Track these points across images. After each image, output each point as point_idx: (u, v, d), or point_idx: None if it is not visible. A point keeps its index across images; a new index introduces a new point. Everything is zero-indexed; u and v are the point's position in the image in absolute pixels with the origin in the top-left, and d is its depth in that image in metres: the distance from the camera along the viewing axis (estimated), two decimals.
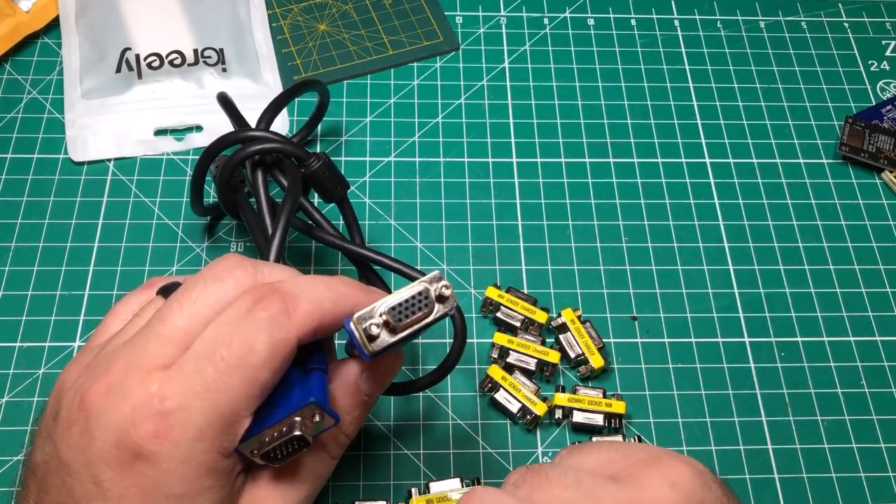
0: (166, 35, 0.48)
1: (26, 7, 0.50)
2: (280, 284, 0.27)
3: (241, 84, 0.47)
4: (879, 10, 0.55)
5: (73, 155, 0.45)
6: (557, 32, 0.53)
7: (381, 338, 0.27)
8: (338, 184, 0.39)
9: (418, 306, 0.27)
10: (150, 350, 0.26)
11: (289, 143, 0.38)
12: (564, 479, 0.26)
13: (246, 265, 0.28)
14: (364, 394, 0.29)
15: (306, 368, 0.28)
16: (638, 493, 0.25)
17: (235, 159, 0.37)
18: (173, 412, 0.25)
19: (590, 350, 0.40)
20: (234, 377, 0.25)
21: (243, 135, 0.39)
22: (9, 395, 0.38)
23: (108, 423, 0.25)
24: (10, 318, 0.40)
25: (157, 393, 0.25)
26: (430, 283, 0.27)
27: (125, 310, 0.31)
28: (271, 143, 0.38)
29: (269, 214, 0.37)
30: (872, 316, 0.43)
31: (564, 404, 0.38)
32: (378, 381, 0.30)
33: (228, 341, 0.26)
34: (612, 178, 0.47)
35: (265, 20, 0.51)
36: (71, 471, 0.25)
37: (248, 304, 0.26)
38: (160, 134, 0.47)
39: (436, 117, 0.48)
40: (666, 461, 0.26)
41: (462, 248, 0.44)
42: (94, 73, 0.47)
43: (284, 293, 0.27)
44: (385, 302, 0.27)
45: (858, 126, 0.48)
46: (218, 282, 0.27)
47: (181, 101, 0.47)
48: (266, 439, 0.26)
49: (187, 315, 0.27)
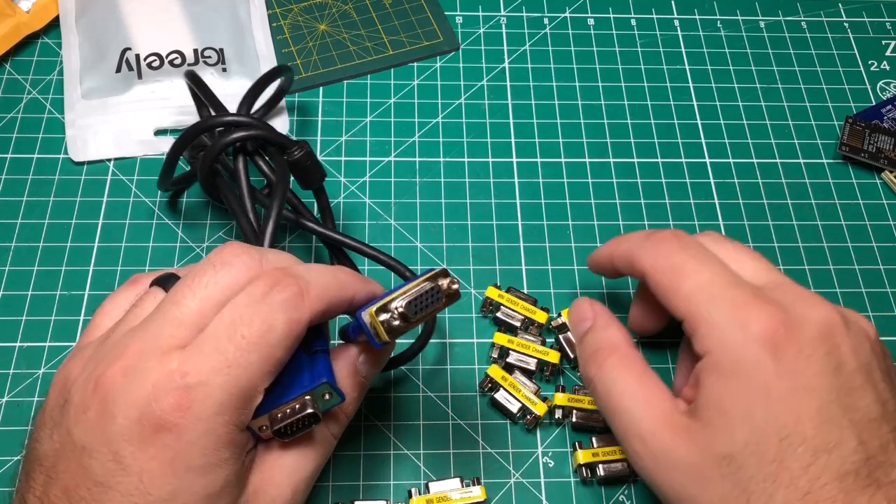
0: (166, 35, 0.48)
1: (26, 7, 0.50)
2: (292, 269, 0.29)
3: (241, 84, 0.47)
4: (879, 10, 0.55)
5: (73, 155, 0.45)
6: (557, 32, 0.53)
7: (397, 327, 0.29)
8: (318, 172, 0.39)
9: (431, 300, 0.29)
10: (164, 332, 0.28)
11: (273, 130, 0.38)
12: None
13: (251, 251, 0.30)
14: (362, 375, 0.32)
15: (310, 350, 0.30)
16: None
17: (220, 144, 0.37)
18: (195, 387, 0.26)
19: None
20: (254, 354, 0.27)
21: (227, 119, 0.39)
22: (9, 395, 0.38)
23: (129, 401, 0.26)
24: (10, 318, 0.40)
25: (178, 369, 0.26)
26: (440, 278, 0.30)
27: (114, 307, 0.32)
28: (257, 129, 0.38)
29: (249, 199, 0.38)
30: (872, 316, 0.43)
31: (564, 404, 0.38)
32: (375, 364, 0.33)
33: (248, 321, 0.27)
34: (612, 178, 0.47)
35: (265, 20, 0.51)
36: (88, 451, 0.26)
37: (263, 288, 0.28)
38: (160, 134, 0.47)
39: (436, 117, 0.48)
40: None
41: (462, 248, 0.44)
42: (95, 73, 0.47)
43: (298, 277, 0.29)
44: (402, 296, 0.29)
45: (858, 126, 0.48)
46: (227, 266, 0.29)
47: (181, 101, 0.47)
48: (279, 416, 0.28)
49: (200, 298, 0.28)
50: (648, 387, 0.32)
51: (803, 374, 0.28)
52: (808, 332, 0.29)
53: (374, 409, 0.39)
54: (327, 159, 0.46)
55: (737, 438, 0.28)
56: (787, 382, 0.28)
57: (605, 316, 0.35)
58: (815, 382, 0.28)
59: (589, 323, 0.35)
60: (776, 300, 0.30)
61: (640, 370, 0.32)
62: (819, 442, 0.28)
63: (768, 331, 0.29)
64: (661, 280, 0.32)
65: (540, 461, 0.38)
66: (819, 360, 0.29)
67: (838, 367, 0.29)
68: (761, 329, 0.29)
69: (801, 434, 0.28)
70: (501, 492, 0.37)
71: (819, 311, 0.30)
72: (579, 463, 0.37)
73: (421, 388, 0.39)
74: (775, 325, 0.29)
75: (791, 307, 0.30)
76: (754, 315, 0.29)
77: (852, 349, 0.29)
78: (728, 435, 0.28)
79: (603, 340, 0.34)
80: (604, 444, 0.37)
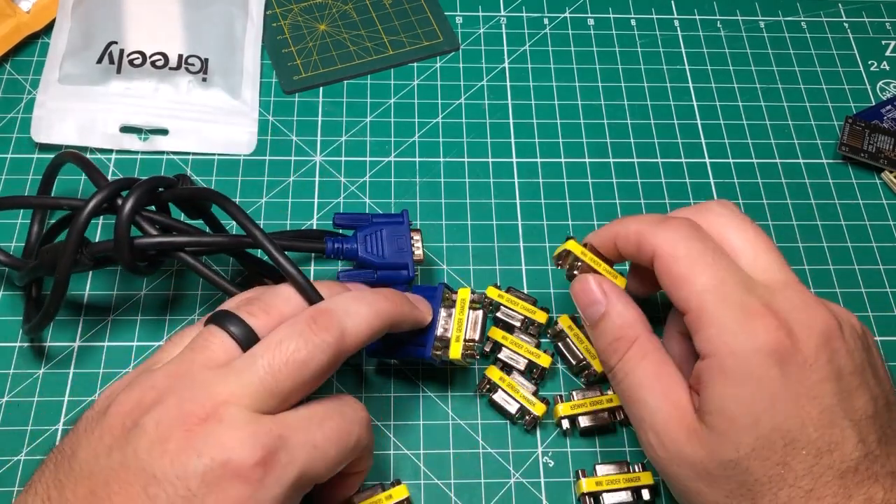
0: (157, 36, 0.48)
1: (26, 7, 0.50)
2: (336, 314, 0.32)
3: (218, 96, 0.47)
4: (879, 10, 0.55)
5: (35, 136, 0.45)
6: (557, 32, 0.53)
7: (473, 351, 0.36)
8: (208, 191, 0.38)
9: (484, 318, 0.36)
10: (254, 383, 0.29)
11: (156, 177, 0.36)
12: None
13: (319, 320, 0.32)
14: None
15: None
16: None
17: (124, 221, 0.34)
18: (282, 450, 0.28)
19: (591, 354, 0.39)
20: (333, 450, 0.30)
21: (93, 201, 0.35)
22: (9, 395, 0.38)
23: (219, 442, 0.27)
24: (10, 318, 0.40)
25: (274, 427, 0.28)
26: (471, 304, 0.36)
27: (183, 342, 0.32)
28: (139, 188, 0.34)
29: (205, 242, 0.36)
30: (872, 316, 0.43)
31: (569, 413, 0.38)
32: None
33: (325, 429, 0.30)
34: (612, 179, 0.47)
35: (258, 39, 0.50)
36: (159, 480, 0.27)
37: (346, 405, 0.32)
38: (126, 131, 0.46)
39: (436, 117, 0.48)
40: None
41: (462, 248, 0.44)
42: (76, 59, 0.47)
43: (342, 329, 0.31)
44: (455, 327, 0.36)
45: (858, 126, 0.48)
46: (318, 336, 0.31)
47: (154, 102, 0.47)
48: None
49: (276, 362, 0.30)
50: (664, 379, 0.32)
51: (807, 382, 0.29)
52: (811, 342, 0.30)
53: (375, 409, 0.39)
54: (327, 159, 0.46)
55: (743, 445, 0.29)
56: (792, 391, 0.29)
57: (619, 298, 0.34)
58: (818, 389, 0.29)
59: (601, 307, 0.34)
60: (781, 308, 0.31)
61: (659, 360, 0.33)
62: (822, 444, 0.29)
63: (775, 342, 0.30)
64: (674, 268, 0.32)
65: (540, 461, 0.38)
66: (822, 368, 0.30)
67: (839, 371, 0.30)
68: (769, 340, 0.30)
69: (805, 438, 0.29)
70: (501, 492, 0.37)
71: (820, 319, 0.31)
72: (582, 492, 0.36)
73: (421, 388, 0.39)
74: (782, 337, 0.30)
75: (795, 315, 0.30)
76: (762, 325, 0.30)
77: (849, 353, 0.30)
78: (735, 442, 0.29)
79: (622, 329, 0.33)
80: (607, 473, 0.36)
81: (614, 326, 0.34)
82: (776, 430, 0.29)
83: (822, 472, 0.29)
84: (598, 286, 0.34)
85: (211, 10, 0.50)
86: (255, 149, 0.47)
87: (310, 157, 0.47)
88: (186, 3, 0.50)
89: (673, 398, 0.32)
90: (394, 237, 0.38)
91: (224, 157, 0.46)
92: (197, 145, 0.46)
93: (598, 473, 0.36)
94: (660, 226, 0.33)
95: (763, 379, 0.29)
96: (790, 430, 0.29)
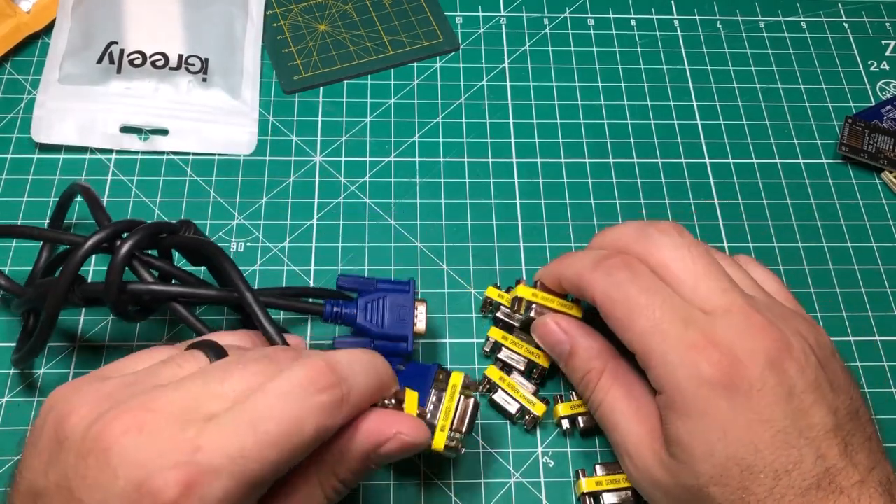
0: (157, 36, 0.49)
1: (26, 7, 0.50)
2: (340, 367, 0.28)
3: (218, 96, 0.47)
4: (879, 10, 0.55)
5: (35, 136, 0.45)
6: (557, 32, 0.53)
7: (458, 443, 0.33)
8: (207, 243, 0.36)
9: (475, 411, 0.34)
10: (198, 401, 0.26)
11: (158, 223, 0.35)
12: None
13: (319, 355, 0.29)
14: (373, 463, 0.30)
15: None
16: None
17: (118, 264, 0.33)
18: (204, 468, 0.25)
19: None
20: (273, 451, 0.26)
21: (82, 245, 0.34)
22: (9, 395, 0.38)
23: (135, 460, 0.25)
24: (10, 317, 0.40)
25: (192, 439, 0.25)
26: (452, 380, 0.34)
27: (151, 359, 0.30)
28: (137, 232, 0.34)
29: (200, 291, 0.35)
30: (872, 316, 0.43)
31: (569, 413, 0.38)
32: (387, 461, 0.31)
33: (278, 416, 0.26)
34: (612, 179, 0.47)
35: (259, 39, 0.50)
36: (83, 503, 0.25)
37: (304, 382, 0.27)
38: (126, 131, 0.46)
39: (436, 117, 0.48)
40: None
41: (462, 248, 0.44)
42: (76, 59, 0.47)
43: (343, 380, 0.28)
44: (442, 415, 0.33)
45: (858, 126, 0.48)
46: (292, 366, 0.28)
47: (154, 102, 0.47)
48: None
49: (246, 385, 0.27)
50: (634, 403, 0.34)
51: (757, 408, 0.30)
52: (756, 367, 0.30)
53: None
54: (327, 159, 0.46)
55: (701, 474, 0.30)
56: (743, 418, 0.30)
57: (581, 334, 0.36)
58: (769, 412, 0.30)
59: (566, 346, 0.36)
60: (724, 337, 0.31)
61: (629, 383, 0.34)
62: (779, 466, 0.29)
63: (719, 373, 0.30)
64: (613, 314, 0.33)
65: (540, 461, 0.38)
66: (770, 391, 0.30)
67: (789, 392, 0.30)
68: (713, 372, 0.30)
69: (762, 462, 0.29)
70: (501, 492, 0.37)
71: (764, 342, 0.31)
72: (582, 492, 0.36)
73: None
74: (725, 366, 0.30)
75: (738, 342, 0.31)
76: (704, 358, 0.30)
77: (800, 371, 0.30)
78: (693, 471, 0.30)
79: (589, 362, 0.35)
80: (607, 473, 0.36)
81: (582, 361, 0.35)
82: (731, 458, 0.30)
83: (784, 492, 0.29)
84: (557, 326, 0.36)
85: (211, 10, 0.50)
86: (256, 149, 0.47)
87: (310, 157, 0.47)
88: (186, 3, 0.50)
89: (645, 423, 0.33)
90: (396, 307, 0.36)
91: (224, 157, 0.46)
92: (197, 145, 0.46)
93: (598, 473, 0.36)
94: (596, 271, 0.34)
95: (711, 411, 0.30)
96: (745, 458, 0.29)
